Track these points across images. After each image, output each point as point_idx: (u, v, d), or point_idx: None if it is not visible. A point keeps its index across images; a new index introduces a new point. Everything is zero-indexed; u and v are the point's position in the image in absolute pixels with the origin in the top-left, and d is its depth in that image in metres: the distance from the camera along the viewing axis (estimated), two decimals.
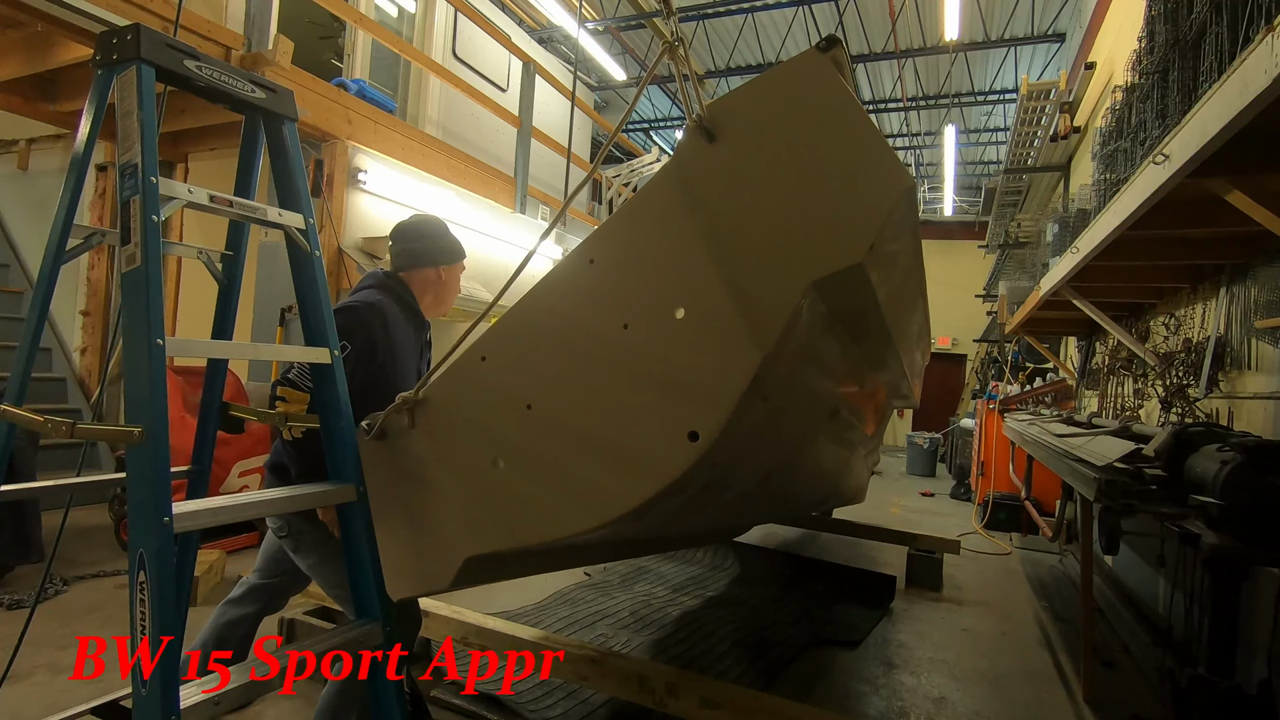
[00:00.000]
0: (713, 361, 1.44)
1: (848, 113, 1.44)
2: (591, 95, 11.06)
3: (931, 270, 10.61)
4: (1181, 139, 1.94)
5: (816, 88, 1.45)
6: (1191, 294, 3.79)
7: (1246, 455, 1.80)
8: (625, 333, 1.52)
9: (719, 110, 1.52)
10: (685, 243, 1.49)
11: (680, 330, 1.47)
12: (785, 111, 1.48)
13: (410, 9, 6.83)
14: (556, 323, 1.62)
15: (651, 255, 1.53)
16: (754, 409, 1.54)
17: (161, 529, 1.30)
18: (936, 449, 10.43)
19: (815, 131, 1.46)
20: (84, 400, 5.42)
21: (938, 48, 9.38)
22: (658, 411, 1.48)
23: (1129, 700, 2.91)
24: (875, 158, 1.42)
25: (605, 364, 1.55)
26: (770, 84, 1.51)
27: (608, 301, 1.56)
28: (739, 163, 1.49)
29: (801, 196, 1.45)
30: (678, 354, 1.47)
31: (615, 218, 1.63)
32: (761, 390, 1.50)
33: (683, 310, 1.47)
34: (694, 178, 1.52)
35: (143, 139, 1.41)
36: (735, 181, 1.49)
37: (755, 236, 1.46)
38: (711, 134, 1.51)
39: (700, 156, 1.52)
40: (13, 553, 3.32)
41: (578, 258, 1.61)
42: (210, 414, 1.99)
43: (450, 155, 5.70)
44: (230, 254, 1.98)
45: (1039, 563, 5.30)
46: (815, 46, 1.46)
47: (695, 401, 1.45)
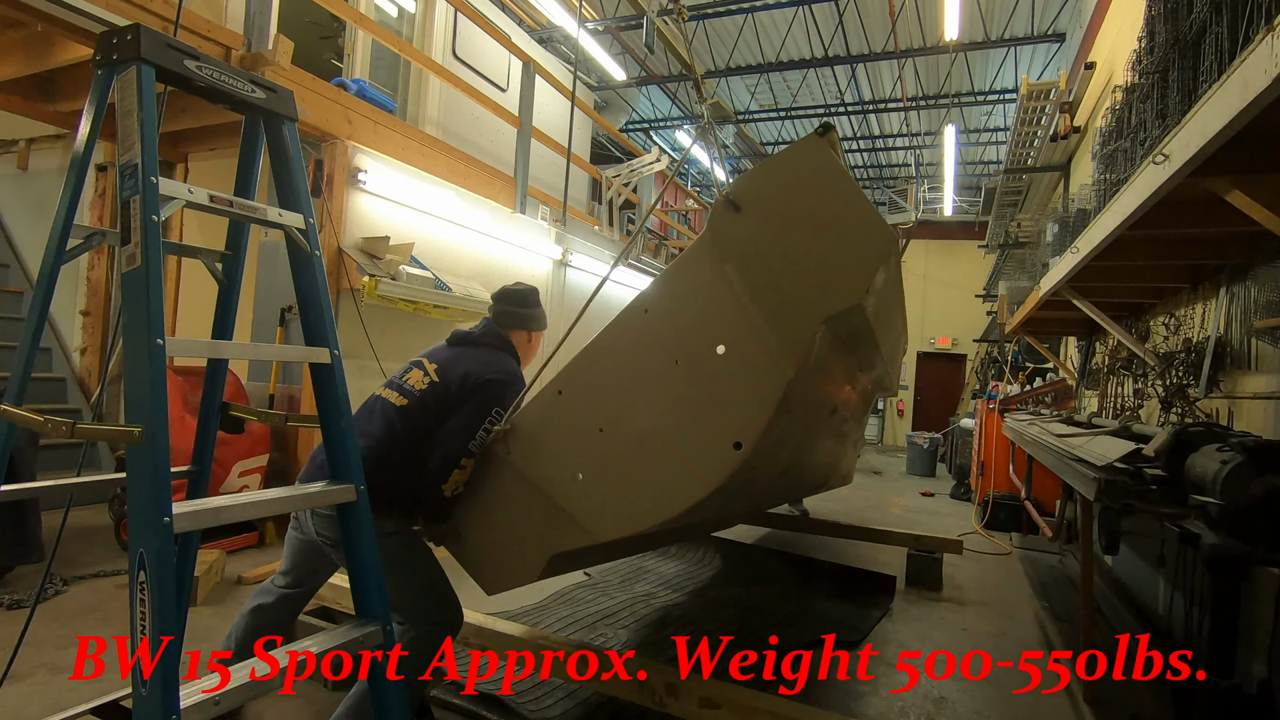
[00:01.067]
0: (749, 386, 1.81)
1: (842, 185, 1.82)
2: (591, 95, 11.05)
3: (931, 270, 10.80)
4: (1181, 139, 1.94)
5: (817, 167, 1.83)
6: (1191, 294, 3.79)
7: (1246, 455, 1.80)
8: (676, 367, 1.89)
9: (742, 187, 1.90)
10: (721, 293, 1.85)
11: (722, 363, 1.83)
12: (793, 186, 1.86)
13: (410, 9, 6.83)
14: (619, 361, 2.00)
15: (695, 305, 1.90)
16: (781, 420, 1.88)
17: (161, 529, 1.30)
18: (936, 449, 10.43)
19: (817, 201, 1.83)
20: (84, 400, 5.42)
21: (938, 48, 9.37)
22: (707, 428, 1.84)
23: (1129, 700, 2.91)
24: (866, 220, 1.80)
25: (663, 393, 1.91)
26: (781, 164, 1.90)
27: (661, 342, 1.93)
28: (760, 228, 1.86)
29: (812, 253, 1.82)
30: (721, 382, 1.84)
31: (664, 275, 2.00)
32: (788, 405, 1.85)
33: (723, 347, 1.83)
34: (725, 242, 1.88)
35: (143, 139, 1.41)
36: (758, 244, 1.85)
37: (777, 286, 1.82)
38: (737, 206, 1.88)
39: (729, 225, 1.88)
40: (13, 553, 3.31)
41: (635, 308, 1.98)
42: (210, 414, 1.99)
43: (450, 155, 5.70)
44: (230, 254, 1.98)
45: (1039, 563, 5.30)
46: (815, 132, 1.85)
47: (737, 418, 1.81)
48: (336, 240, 4.45)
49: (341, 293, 4.49)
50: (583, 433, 2.01)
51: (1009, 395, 7.23)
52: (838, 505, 7.05)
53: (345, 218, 4.60)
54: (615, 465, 1.97)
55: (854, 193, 1.82)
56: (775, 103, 12.28)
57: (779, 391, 1.77)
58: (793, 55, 10.50)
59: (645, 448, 1.93)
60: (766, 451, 1.97)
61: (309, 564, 2.22)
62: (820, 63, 10.32)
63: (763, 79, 11.31)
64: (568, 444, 2.04)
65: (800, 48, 10.24)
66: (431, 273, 4.95)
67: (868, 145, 13.81)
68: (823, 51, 10.05)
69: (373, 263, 4.61)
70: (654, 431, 1.91)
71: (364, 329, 4.51)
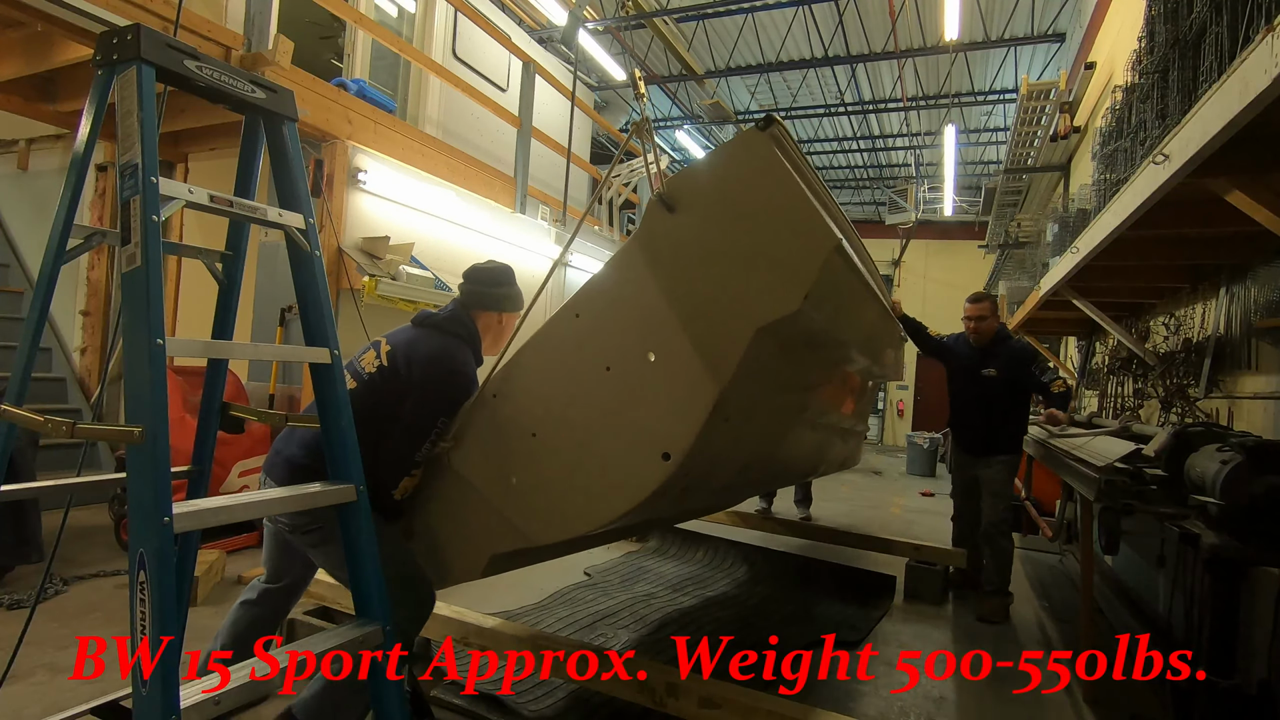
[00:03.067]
0: (679, 395, 1.74)
1: (783, 184, 1.70)
2: (591, 95, 11.05)
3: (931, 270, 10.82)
4: (1181, 139, 1.94)
5: (756, 164, 1.71)
6: (1191, 294, 3.79)
7: (1246, 455, 1.80)
8: (608, 374, 1.83)
9: (677, 184, 1.78)
10: (653, 298, 1.78)
11: (653, 371, 1.78)
12: (731, 185, 1.75)
13: (410, 9, 6.83)
14: (552, 365, 1.94)
15: (626, 309, 1.83)
16: (718, 429, 1.83)
17: (161, 529, 1.30)
18: (936, 449, 10.42)
19: (755, 201, 1.72)
20: (84, 400, 5.42)
21: (938, 48, 9.37)
22: (637, 437, 1.79)
23: (1129, 700, 2.91)
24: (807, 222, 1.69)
25: (593, 398, 1.86)
26: (718, 160, 1.80)
27: (592, 348, 1.87)
28: (694, 230, 1.76)
29: (746, 257, 1.72)
30: (651, 391, 1.78)
31: (595, 277, 1.92)
32: (724, 414, 1.80)
33: (654, 354, 1.77)
34: (658, 243, 1.80)
35: (143, 139, 1.41)
36: (692, 246, 1.77)
37: (710, 292, 1.74)
38: (671, 205, 1.78)
39: (662, 225, 1.79)
40: (13, 553, 3.31)
41: (566, 313, 1.92)
42: (210, 414, 1.99)
43: (450, 155, 5.70)
44: (230, 254, 1.98)
45: (1039, 563, 5.30)
46: (756, 125, 1.72)
47: (666, 428, 1.75)
48: (336, 240, 4.45)
49: (341, 293, 4.48)
50: (516, 437, 1.97)
51: None
52: (837, 505, 7.05)
53: (345, 218, 4.60)
54: (548, 471, 1.93)
55: (795, 192, 1.70)
56: (775, 103, 12.27)
57: (708, 404, 1.71)
58: (793, 55, 10.50)
59: (577, 454, 1.88)
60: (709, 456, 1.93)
61: (281, 556, 2.20)
62: (820, 63, 10.31)
63: (763, 79, 11.30)
64: (502, 448, 2.00)
65: (800, 48, 10.23)
66: (431, 273, 4.96)
67: (868, 145, 13.80)
68: (823, 51, 10.05)
69: (373, 263, 4.61)
70: (585, 438, 1.87)
71: (364, 329, 4.50)
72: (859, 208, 16.75)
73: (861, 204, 16.64)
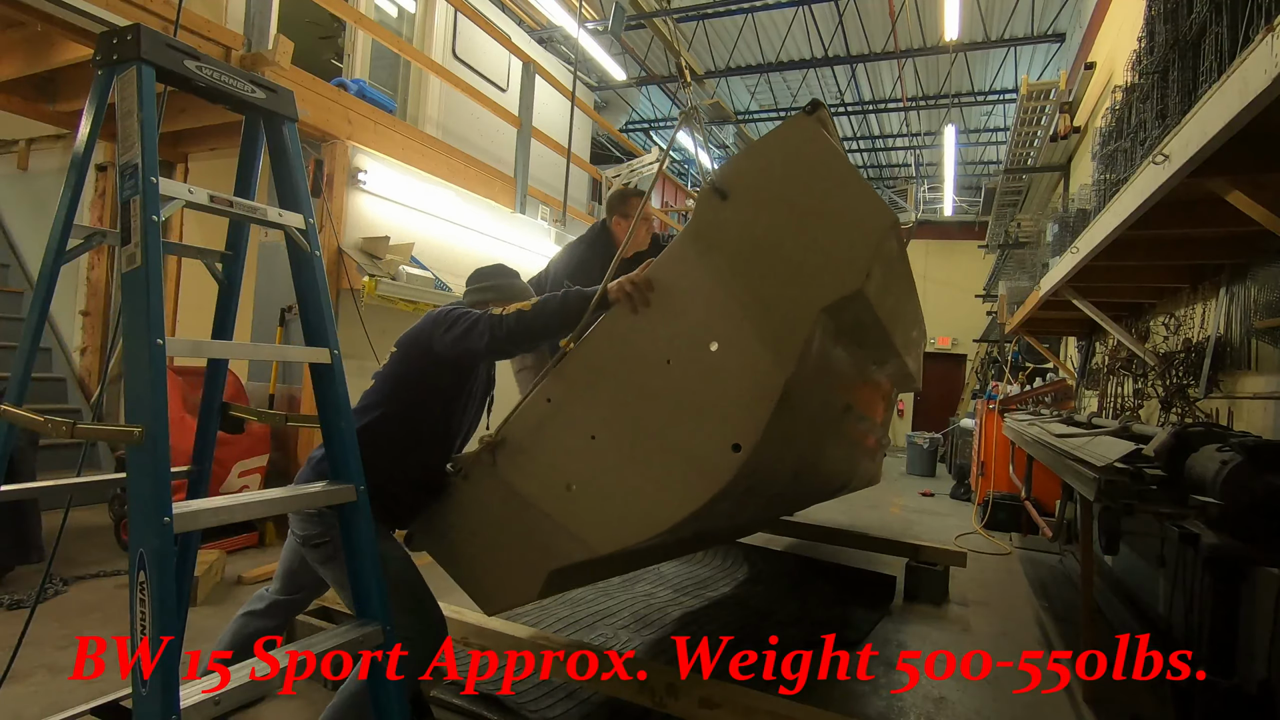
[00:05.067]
0: (746, 384, 1.71)
1: (835, 165, 1.71)
2: (591, 95, 11.05)
3: (931, 270, 10.82)
4: (1181, 139, 1.94)
5: (807, 147, 1.73)
6: (1191, 294, 3.79)
7: (1246, 455, 1.80)
8: (669, 367, 1.79)
9: (728, 172, 1.79)
10: (711, 286, 1.76)
11: (716, 360, 1.74)
12: (783, 169, 1.75)
13: (410, 9, 6.83)
14: (609, 364, 1.89)
15: (684, 299, 1.80)
16: (784, 418, 1.77)
17: (161, 529, 1.30)
18: (936, 449, 10.43)
19: (809, 184, 1.73)
20: (84, 400, 5.42)
21: (938, 48, 9.37)
22: (704, 430, 1.74)
23: (1129, 700, 2.91)
24: (862, 201, 1.70)
25: (655, 395, 1.81)
26: (769, 146, 1.79)
27: (651, 342, 1.82)
28: (749, 216, 1.76)
29: (804, 239, 1.72)
30: (716, 380, 1.74)
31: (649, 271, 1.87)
32: (789, 402, 1.75)
33: (716, 344, 1.73)
34: (712, 232, 1.78)
35: (143, 139, 1.41)
36: (748, 232, 1.75)
37: (770, 276, 1.72)
38: (724, 193, 1.77)
39: (716, 213, 1.78)
40: (13, 553, 3.31)
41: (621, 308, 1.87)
42: (210, 414, 1.99)
43: (450, 155, 5.70)
44: (230, 254, 1.98)
45: (1039, 563, 5.30)
46: (803, 110, 1.74)
47: (735, 418, 1.71)
48: (336, 240, 4.45)
49: (341, 293, 4.48)
50: (574, 441, 1.91)
51: (1009, 395, 7.23)
52: (837, 504, 7.04)
53: (345, 218, 4.60)
54: (610, 474, 1.87)
55: (847, 172, 1.72)
56: (775, 103, 12.28)
57: (778, 388, 1.67)
58: (793, 55, 10.50)
59: (640, 454, 1.82)
60: (770, 453, 1.87)
61: (294, 568, 2.16)
62: (820, 63, 10.32)
63: (763, 79, 11.31)
64: (558, 454, 1.94)
65: (800, 48, 10.23)
66: (431, 273, 4.96)
67: (868, 145, 13.80)
68: (823, 51, 10.05)
69: (373, 263, 4.61)
70: (648, 436, 1.81)
71: (364, 329, 4.50)
72: None
73: None
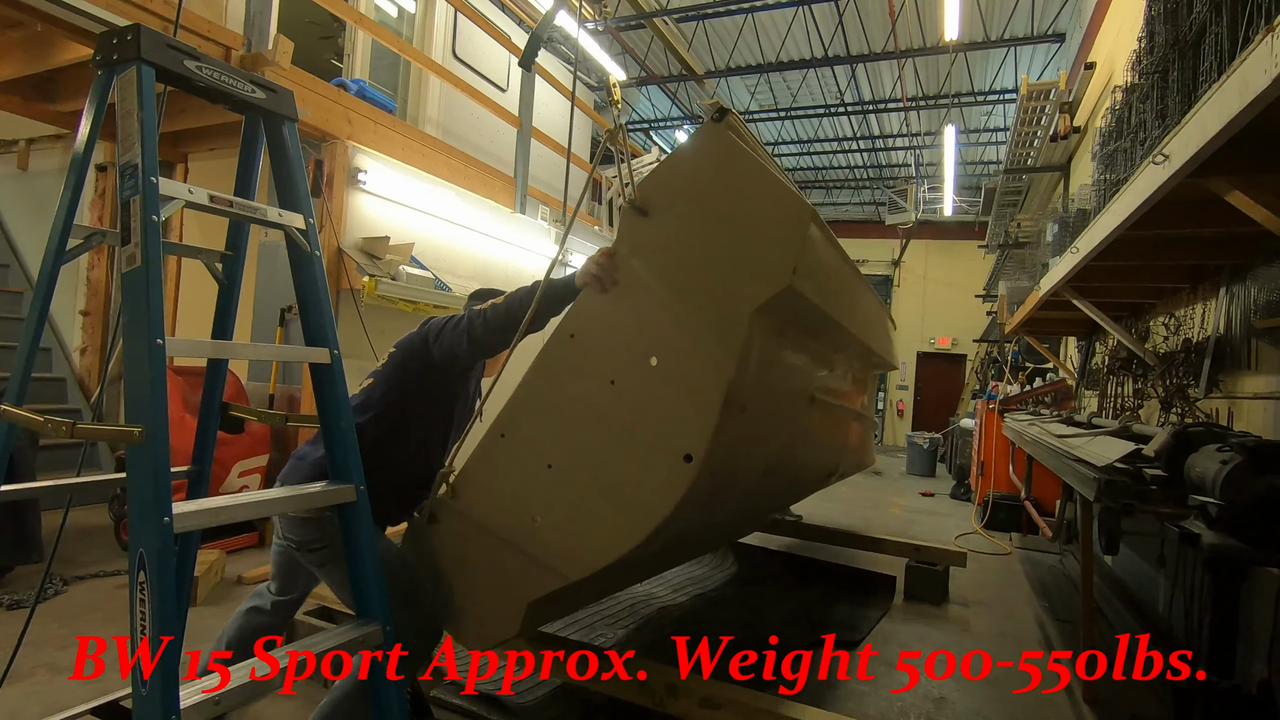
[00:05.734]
0: (690, 394, 1.74)
1: (747, 168, 1.75)
2: (591, 95, 11.05)
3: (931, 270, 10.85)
4: (1181, 139, 1.94)
5: (718, 154, 1.77)
6: (1191, 294, 3.79)
7: (1246, 455, 1.79)
8: (613, 387, 1.82)
9: (646, 189, 1.84)
10: (643, 303, 1.80)
11: (658, 375, 1.77)
12: (698, 179, 1.80)
13: (410, 9, 6.83)
14: (556, 392, 1.91)
15: (619, 319, 1.84)
16: (735, 422, 1.81)
17: (161, 529, 1.30)
18: (936, 449, 10.42)
19: (725, 190, 1.77)
20: (84, 400, 5.42)
21: (938, 48, 9.36)
22: (655, 446, 1.76)
23: (1129, 700, 2.91)
24: (778, 198, 1.73)
25: (604, 417, 1.83)
26: (681, 158, 1.84)
27: (593, 365, 1.86)
28: (671, 229, 1.80)
29: (727, 244, 1.76)
30: (660, 394, 1.77)
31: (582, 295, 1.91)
32: (739, 404, 1.78)
33: (655, 358, 1.77)
34: (638, 248, 1.82)
35: (143, 139, 1.41)
36: (672, 244, 1.80)
37: (699, 285, 1.76)
38: (644, 210, 1.82)
39: (639, 230, 1.83)
40: (13, 553, 3.31)
41: (560, 334, 1.91)
42: (210, 414, 1.99)
43: (450, 155, 5.70)
44: (230, 254, 1.98)
45: (1039, 563, 5.30)
46: (710, 118, 1.78)
47: (683, 430, 1.74)
48: (336, 240, 4.45)
49: (341, 293, 4.48)
50: (532, 473, 1.92)
51: (1009, 395, 7.23)
52: (837, 505, 7.05)
53: (345, 218, 4.60)
54: (571, 501, 1.88)
55: (760, 173, 1.74)
56: (775, 103, 12.27)
57: (720, 394, 1.70)
58: (793, 55, 10.50)
59: (599, 477, 1.84)
60: (727, 457, 1.90)
61: (288, 569, 2.17)
62: (820, 63, 10.31)
63: (763, 79, 11.30)
64: (519, 487, 1.95)
65: (800, 48, 10.23)
66: (431, 273, 4.96)
67: (868, 145, 13.80)
68: (823, 51, 10.04)
69: (373, 263, 4.61)
70: (605, 458, 1.83)
71: (364, 329, 4.50)
72: (859, 208, 16.74)
73: (861, 204, 16.63)
